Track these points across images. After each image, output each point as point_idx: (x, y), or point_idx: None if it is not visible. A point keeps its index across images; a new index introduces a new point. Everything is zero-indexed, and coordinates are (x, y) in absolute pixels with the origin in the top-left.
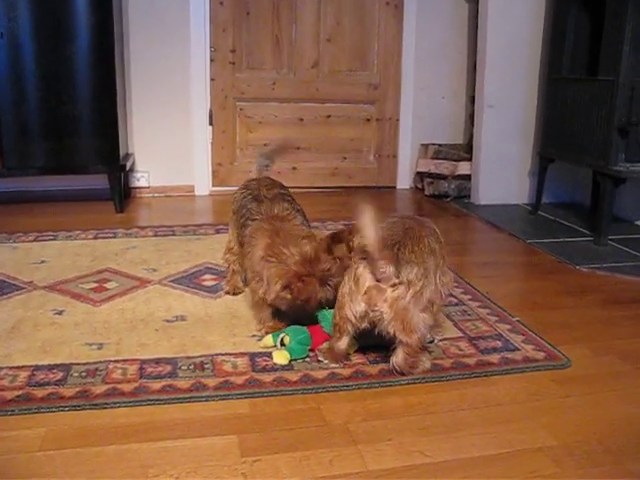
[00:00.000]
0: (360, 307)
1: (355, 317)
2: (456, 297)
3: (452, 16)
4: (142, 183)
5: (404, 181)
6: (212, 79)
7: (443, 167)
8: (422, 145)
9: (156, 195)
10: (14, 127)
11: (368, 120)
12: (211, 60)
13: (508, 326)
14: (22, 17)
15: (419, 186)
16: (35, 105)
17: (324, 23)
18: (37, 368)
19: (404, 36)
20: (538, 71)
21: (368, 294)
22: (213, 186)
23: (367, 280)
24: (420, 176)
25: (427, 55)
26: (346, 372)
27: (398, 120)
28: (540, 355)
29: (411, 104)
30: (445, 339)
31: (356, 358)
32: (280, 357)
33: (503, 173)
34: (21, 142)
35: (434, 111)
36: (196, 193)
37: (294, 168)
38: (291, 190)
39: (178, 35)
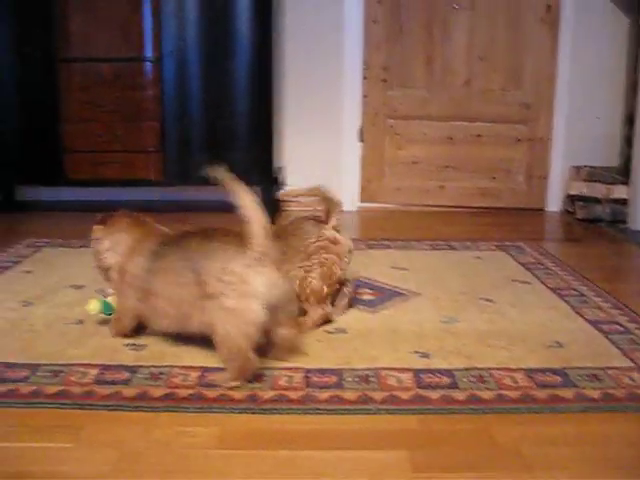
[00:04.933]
0: None
1: None
2: (622, 325)
3: (611, 33)
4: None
5: (554, 204)
6: (364, 96)
7: (596, 190)
8: (574, 167)
9: (304, 209)
10: (176, 140)
11: (519, 140)
12: (363, 77)
13: None
14: (190, 36)
15: (570, 209)
16: (196, 119)
17: (477, 41)
18: (207, 370)
19: (559, 54)
20: None
21: None
22: (361, 202)
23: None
24: (571, 199)
25: (582, 73)
26: (513, 394)
27: (550, 140)
28: None
29: (564, 124)
30: (615, 368)
31: (522, 381)
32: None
33: None
34: (182, 154)
35: (587, 132)
36: (344, 208)
37: (442, 187)
38: (438, 209)
39: (332, 52)
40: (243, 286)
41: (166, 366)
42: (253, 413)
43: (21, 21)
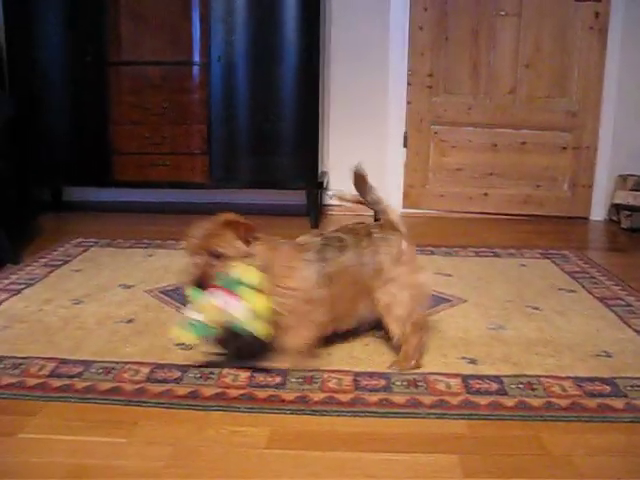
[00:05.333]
0: None
1: None
2: None
3: None
4: (334, 201)
5: (598, 212)
6: (408, 102)
7: None
8: (620, 176)
9: (347, 214)
10: (222, 142)
11: (564, 148)
12: (408, 84)
13: None
14: (238, 41)
15: (614, 218)
16: (243, 122)
17: (523, 48)
18: (256, 370)
19: (607, 62)
20: None
21: None
22: (403, 207)
23: None
24: (616, 208)
25: (630, 81)
26: (563, 403)
27: (596, 149)
28: None
29: (611, 133)
30: None
31: (571, 389)
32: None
33: None
34: (228, 157)
35: (635, 140)
36: None
37: (485, 194)
38: (481, 216)
39: (377, 58)
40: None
41: (216, 366)
42: (303, 414)
43: (73, 25)
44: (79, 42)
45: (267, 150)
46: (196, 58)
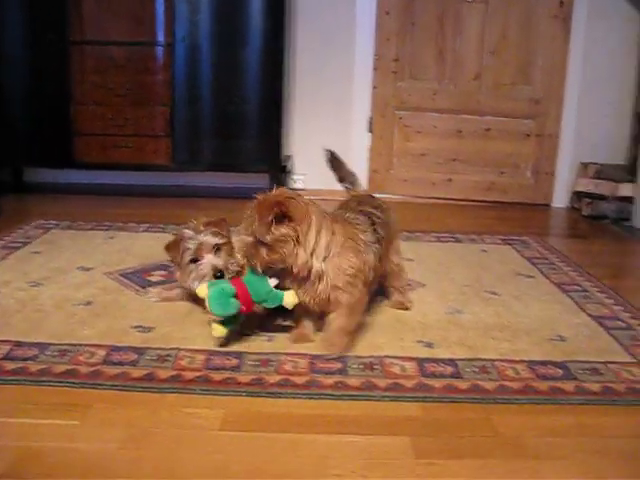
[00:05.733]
0: None
1: None
2: (624, 321)
3: (624, 31)
4: (298, 185)
5: (560, 199)
6: (374, 87)
7: (603, 187)
8: (582, 163)
9: (312, 197)
10: (186, 125)
11: (527, 135)
12: (374, 68)
13: None
14: (202, 22)
15: (576, 206)
16: (207, 104)
17: (489, 36)
18: (213, 353)
19: (571, 50)
20: None
21: None
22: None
23: None
24: (578, 195)
25: (593, 70)
26: (515, 385)
27: (558, 137)
28: None
29: (573, 121)
30: (615, 362)
31: (524, 372)
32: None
33: None
34: (191, 139)
35: (596, 129)
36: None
37: (449, 180)
38: (444, 202)
39: (343, 43)
40: None
41: (173, 349)
42: (259, 397)
43: (34, 3)
44: (41, 20)
45: (231, 133)
46: (160, 38)
